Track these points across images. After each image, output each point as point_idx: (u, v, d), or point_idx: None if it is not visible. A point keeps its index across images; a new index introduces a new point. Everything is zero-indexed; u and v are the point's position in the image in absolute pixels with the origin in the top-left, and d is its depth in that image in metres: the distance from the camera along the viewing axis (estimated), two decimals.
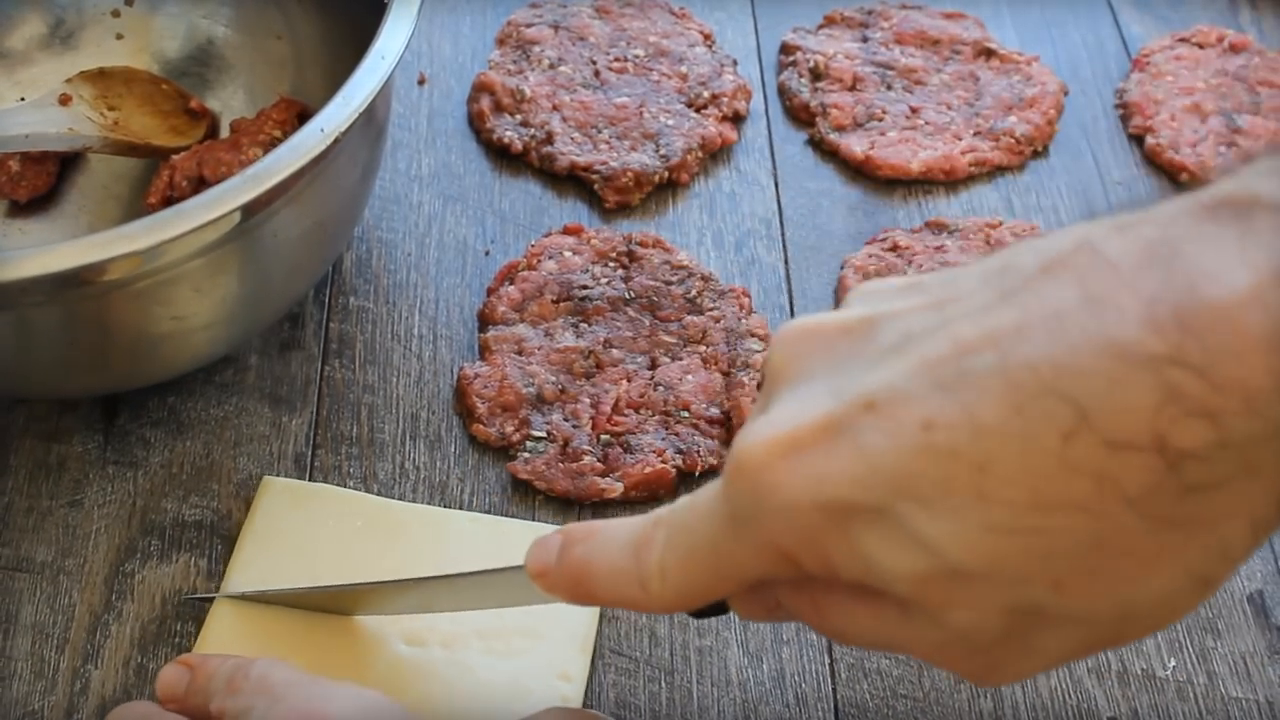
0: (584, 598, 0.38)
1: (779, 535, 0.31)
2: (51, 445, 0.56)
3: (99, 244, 0.41)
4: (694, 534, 0.34)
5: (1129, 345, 0.27)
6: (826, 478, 0.30)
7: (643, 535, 0.36)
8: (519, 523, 0.54)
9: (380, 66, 0.48)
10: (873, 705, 0.51)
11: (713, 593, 0.35)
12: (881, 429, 0.29)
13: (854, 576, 0.31)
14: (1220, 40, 0.76)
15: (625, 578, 0.36)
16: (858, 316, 0.32)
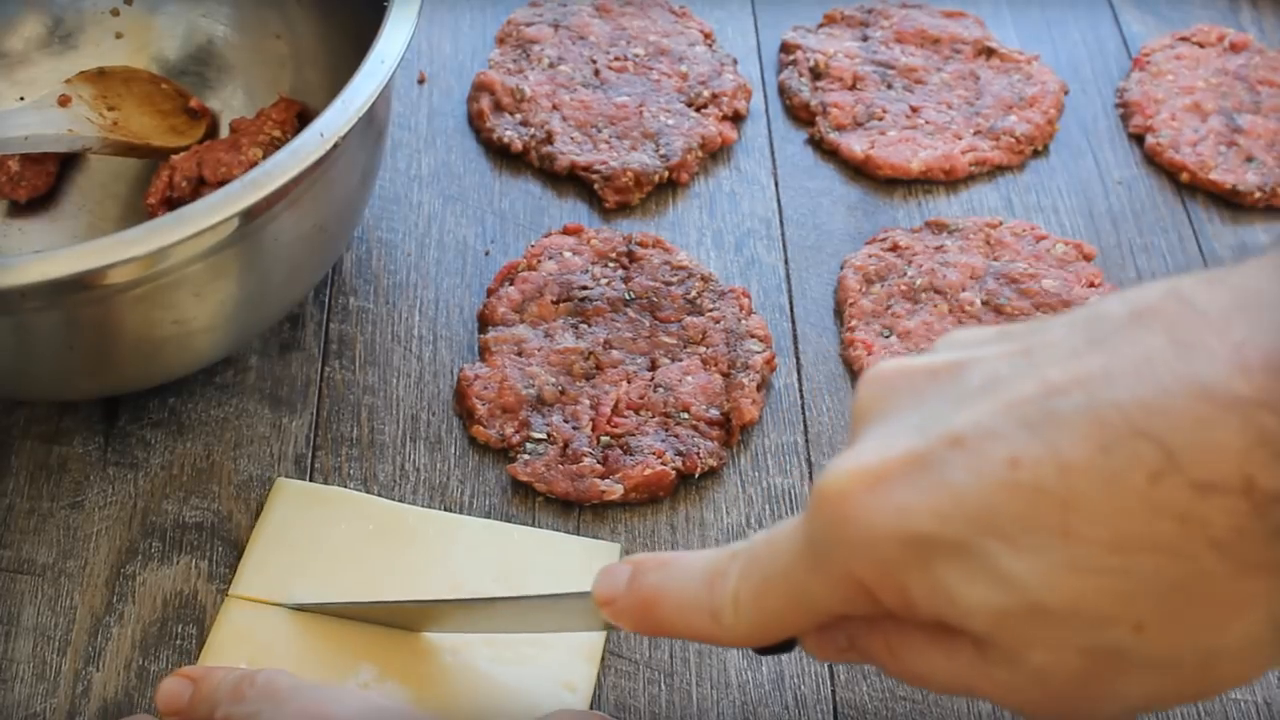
0: (652, 627, 0.38)
1: (858, 567, 0.32)
2: (52, 447, 0.56)
3: (99, 250, 0.41)
4: (770, 566, 0.34)
5: (1217, 388, 0.27)
6: (909, 510, 0.30)
7: (717, 567, 0.36)
8: (530, 530, 0.54)
9: (380, 70, 0.48)
10: (871, 707, 0.51)
11: (786, 627, 0.35)
12: (967, 465, 0.30)
13: (931, 612, 0.31)
14: (1221, 39, 0.76)
15: (697, 609, 0.36)
16: (945, 360, 0.33)
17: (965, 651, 0.32)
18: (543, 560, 0.53)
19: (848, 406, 0.60)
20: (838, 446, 0.58)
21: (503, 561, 0.52)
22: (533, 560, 0.52)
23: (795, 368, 0.61)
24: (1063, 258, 0.65)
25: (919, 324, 0.62)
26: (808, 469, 0.58)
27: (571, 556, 0.53)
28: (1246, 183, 0.69)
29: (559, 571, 0.52)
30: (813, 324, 0.63)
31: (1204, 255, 0.67)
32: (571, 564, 0.53)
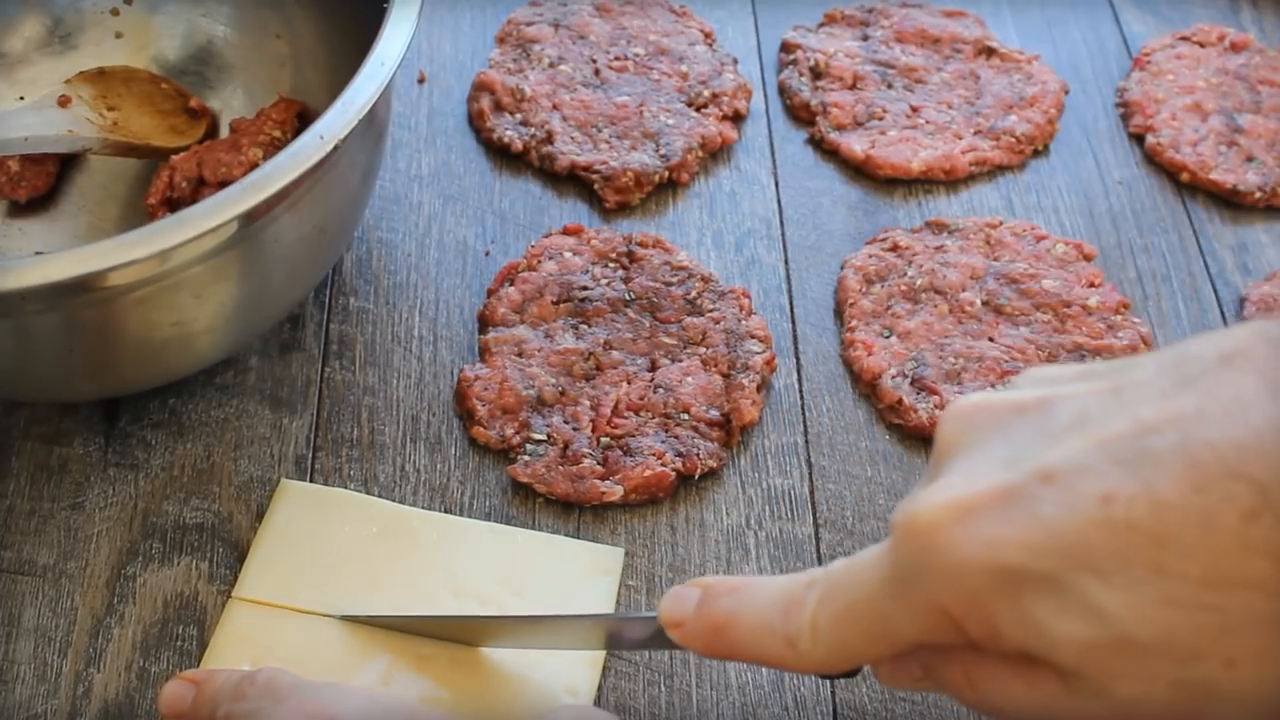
0: (723, 651, 0.38)
1: (945, 597, 0.32)
2: (53, 448, 0.56)
3: (100, 253, 0.41)
4: (851, 594, 0.35)
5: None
6: (1000, 543, 0.31)
7: (794, 594, 0.36)
8: (533, 533, 0.54)
9: (380, 72, 0.48)
10: (871, 709, 0.51)
11: (864, 655, 0.36)
12: (1059, 500, 0.30)
13: (1018, 643, 0.32)
14: (1221, 39, 0.76)
15: (772, 635, 0.36)
16: (1031, 397, 0.33)
17: (1049, 682, 0.32)
18: (546, 564, 0.53)
19: (848, 407, 0.60)
20: (838, 447, 0.59)
21: (506, 565, 0.52)
22: (536, 564, 0.52)
23: (795, 368, 0.61)
24: (1063, 258, 0.65)
25: (919, 324, 0.62)
26: (808, 469, 0.58)
27: (575, 560, 0.53)
28: (1247, 182, 0.69)
29: (563, 575, 0.52)
30: (813, 324, 0.63)
31: (1204, 255, 0.67)
32: (575, 567, 0.53)
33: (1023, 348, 0.61)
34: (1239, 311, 0.65)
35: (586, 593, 0.52)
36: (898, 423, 0.59)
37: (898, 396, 0.59)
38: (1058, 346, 0.61)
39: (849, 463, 0.58)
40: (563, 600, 0.51)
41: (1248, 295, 0.65)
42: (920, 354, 0.61)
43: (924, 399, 0.59)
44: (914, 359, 0.61)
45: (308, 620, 0.50)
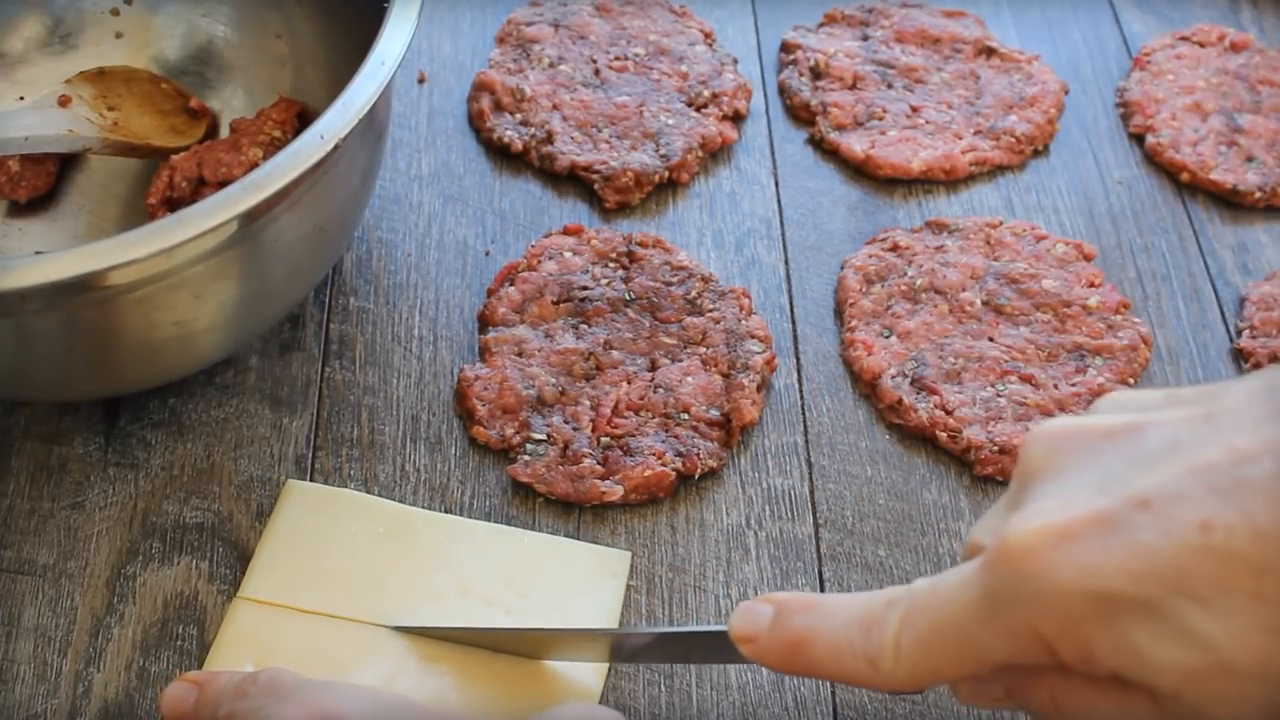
0: (799, 668, 0.39)
1: (1040, 621, 0.33)
2: (53, 447, 0.56)
3: (100, 252, 0.41)
4: (938, 615, 0.35)
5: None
6: (1098, 569, 0.31)
7: (873, 613, 0.37)
8: (540, 535, 0.54)
9: (380, 72, 0.48)
10: (871, 709, 0.51)
11: (948, 675, 0.36)
12: (1157, 527, 0.31)
13: (1114, 667, 0.33)
14: (1221, 39, 0.76)
15: (851, 654, 0.37)
16: (1120, 422, 0.34)
17: (1141, 705, 0.33)
18: (551, 566, 0.52)
19: (848, 407, 0.60)
20: (838, 447, 0.59)
21: (512, 566, 0.52)
22: (541, 566, 0.52)
23: (795, 368, 0.61)
24: (1063, 258, 0.65)
25: (919, 324, 0.62)
26: (808, 469, 0.58)
27: (581, 562, 0.53)
28: (1247, 182, 0.69)
29: (568, 578, 0.52)
30: (813, 324, 0.63)
31: (1204, 255, 0.67)
32: (581, 570, 0.53)
33: (1023, 348, 0.61)
34: (1239, 311, 0.65)
35: (592, 596, 0.52)
36: (898, 422, 0.59)
37: (898, 396, 0.59)
38: (1058, 346, 0.61)
39: (849, 462, 0.58)
40: (568, 603, 0.51)
41: (1248, 295, 0.65)
42: (920, 354, 0.61)
43: (924, 399, 0.59)
44: (914, 359, 0.61)
45: (311, 620, 0.50)
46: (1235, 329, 0.64)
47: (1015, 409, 0.59)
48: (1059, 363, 0.61)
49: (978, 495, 0.57)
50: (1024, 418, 0.59)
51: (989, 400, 0.59)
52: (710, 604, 0.53)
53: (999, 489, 0.58)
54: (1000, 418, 0.59)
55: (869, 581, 0.54)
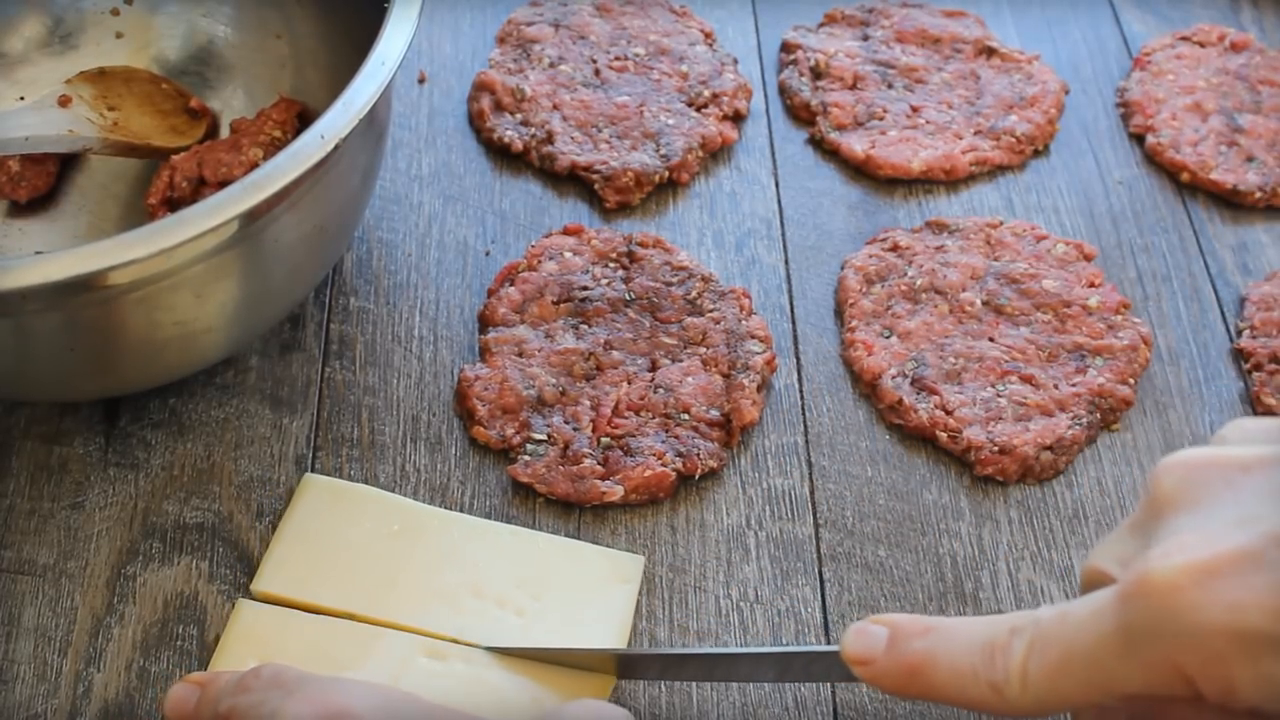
0: (917, 691, 0.39)
1: (1181, 656, 0.33)
2: (53, 447, 0.56)
3: (101, 252, 0.41)
4: (1068, 645, 0.36)
5: None
6: (1244, 606, 0.32)
7: (996, 639, 0.37)
8: (555, 538, 0.54)
9: (380, 72, 0.48)
10: (871, 709, 0.51)
11: (1076, 702, 0.36)
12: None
13: (1255, 702, 0.33)
14: (1221, 39, 0.76)
15: (974, 680, 0.37)
16: (1255, 455, 0.35)
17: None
18: (565, 568, 0.52)
19: (848, 407, 0.60)
20: (838, 447, 0.58)
21: (525, 568, 0.52)
22: (555, 568, 0.52)
23: (796, 368, 0.61)
24: (1063, 258, 0.65)
25: (919, 324, 0.62)
26: (808, 470, 0.58)
27: (594, 565, 0.53)
28: (1247, 182, 0.69)
29: (581, 581, 0.52)
30: (813, 324, 0.63)
31: (1204, 255, 0.67)
32: (594, 573, 0.52)
33: (1023, 348, 0.61)
34: (1239, 311, 0.65)
35: (604, 600, 0.52)
36: (898, 423, 0.59)
37: (898, 396, 0.59)
38: (1058, 346, 0.61)
39: (849, 463, 0.58)
40: (581, 608, 0.51)
41: (1248, 295, 0.65)
42: (920, 354, 0.61)
43: (924, 399, 0.59)
44: (914, 359, 0.61)
45: (318, 618, 0.50)
46: (1235, 329, 0.64)
47: (1015, 409, 0.59)
48: (1059, 363, 0.61)
49: (978, 495, 0.57)
50: (1024, 418, 0.59)
51: (989, 400, 0.59)
52: (710, 604, 0.53)
53: (999, 489, 0.58)
54: (1000, 418, 0.59)
55: (869, 581, 0.54)
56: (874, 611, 0.53)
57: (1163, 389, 0.62)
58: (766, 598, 0.53)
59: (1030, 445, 0.58)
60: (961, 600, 0.54)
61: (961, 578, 0.55)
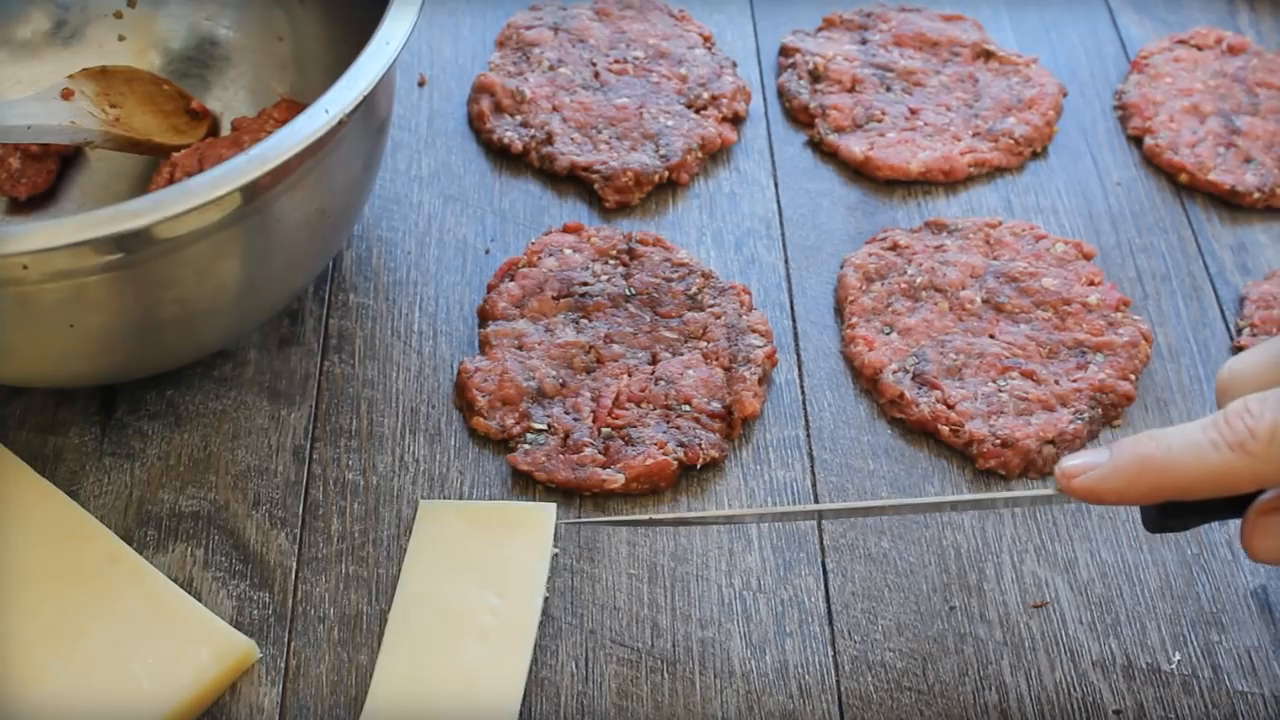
0: (1148, 481, 0.41)
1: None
2: (48, 437, 0.55)
3: (103, 219, 0.41)
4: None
5: None
6: None
7: (1231, 410, 0.40)
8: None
9: (385, 52, 0.48)
10: (876, 698, 0.50)
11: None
12: None
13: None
14: (1219, 42, 0.76)
15: (1213, 446, 0.40)
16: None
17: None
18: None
19: (849, 402, 0.60)
20: (839, 441, 0.58)
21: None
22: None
23: (796, 364, 0.61)
24: (1062, 257, 0.65)
25: (919, 321, 0.62)
26: (809, 463, 0.57)
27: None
28: (1245, 183, 0.69)
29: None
30: (813, 321, 0.63)
31: (1204, 255, 0.67)
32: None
33: (1023, 344, 0.61)
34: (1239, 310, 0.65)
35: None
36: (899, 417, 0.59)
37: (899, 391, 0.59)
38: (1059, 344, 0.61)
39: (850, 456, 0.58)
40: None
41: (1247, 294, 0.65)
42: (921, 350, 0.61)
43: (925, 393, 0.59)
44: (915, 355, 0.60)
45: None
46: (1235, 327, 0.64)
47: (1017, 404, 0.59)
48: (1060, 359, 0.61)
49: (980, 488, 0.57)
50: (1025, 412, 0.58)
51: (990, 395, 0.59)
52: (713, 593, 0.52)
53: (1000, 482, 0.57)
54: (1002, 412, 0.58)
55: (872, 572, 0.54)
56: (879, 602, 0.53)
57: (1163, 385, 0.62)
58: (769, 587, 0.53)
59: (1032, 439, 0.57)
60: (966, 592, 0.53)
61: (965, 569, 0.54)
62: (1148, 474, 0.41)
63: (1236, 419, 0.40)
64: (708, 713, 0.49)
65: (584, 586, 0.52)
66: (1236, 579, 0.54)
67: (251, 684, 0.49)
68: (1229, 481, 0.40)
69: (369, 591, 0.51)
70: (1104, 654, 0.52)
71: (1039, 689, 0.51)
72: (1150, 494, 0.42)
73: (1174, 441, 0.41)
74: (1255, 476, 0.40)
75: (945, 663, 0.51)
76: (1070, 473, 0.43)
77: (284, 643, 0.50)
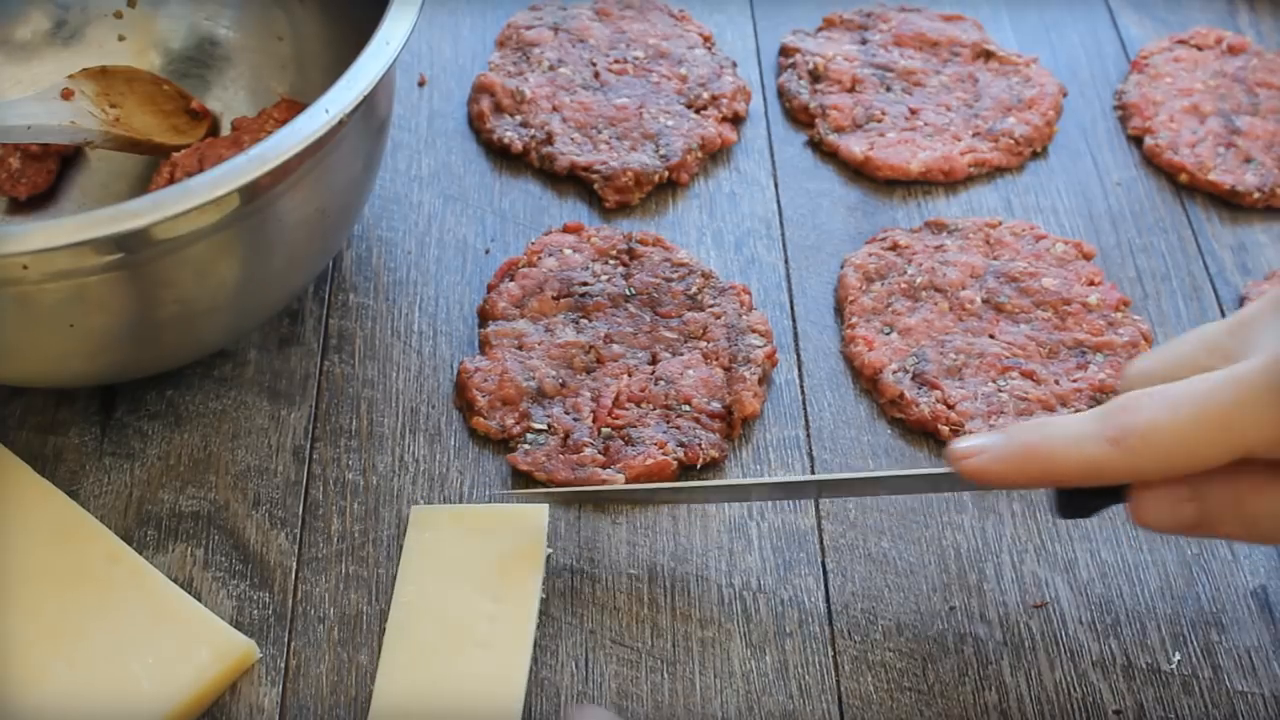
0: (1033, 467, 0.42)
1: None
2: (48, 437, 0.55)
3: (103, 220, 0.41)
4: (1206, 400, 0.40)
5: None
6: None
7: (1111, 407, 0.41)
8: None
9: (385, 52, 0.48)
10: (876, 697, 0.50)
11: (1198, 458, 0.40)
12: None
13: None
14: (1219, 42, 0.76)
15: (1093, 439, 0.41)
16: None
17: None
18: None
19: (849, 402, 0.60)
20: (839, 441, 0.58)
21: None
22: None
23: (796, 364, 0.61)
24: (1062, 256, 0.65)
25: (919, 321, 0.62)
26: (809, 462, 0.57)
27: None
28: (1245, 183, 0.69)
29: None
30: (813, 321, 0.63)
31: (1204, 255, 0.67)
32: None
33: (1023, 344, 0.61)
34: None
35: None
36: (899, 416, 0.59)
37: (899, 390, 0.59)
38: (1059, 343, 0.61)
39: (850, 456, 0.58)
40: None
41: (1248, 294, 0.65)
42: (921, 350, 0.61)
43: (925, 393, 0.59)
44: (915, 355, 0.60)
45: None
46: None
47: (1017, 404, 0.59)
48: (1060, 359, 0.61)
49: (980, 489, 0.57)
50: (1026, 412, 0.58)
51: (990, 395, 0.59)
52: (713, 593, 0.52)
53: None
54: (1002, 412, 0.58)
55: (873, 573, 0.54)
56: (879, 602, 0.53)
57: None
58: (769, 587, 0.53)
59: None
60: (966, 591, 0.53)
61: (965, 569, 0.54)
62: (1032, 462, 0.42)
63: (1118, 414, 0.41)
64: (708, 713, 0.49)
65: (583, 586, 0.52)
66: (1236, 579, 0.54)
67: (251, 684, 0.49)
68: (1106, 474, 0.42)
69: (369, 591, 0.51)
70: (1104, 654, 0.52)
71: (1039, 689, 0.51)
72: (1034, 480, 0.43)
73: (1058, 432, 0.42)
74: (1130, 470, 0.41)
75: (945, 663, 0.51)
76: (960, 454, 0.44)
77: (284, 643, 0.50)
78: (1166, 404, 0.40)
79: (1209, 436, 0.40)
